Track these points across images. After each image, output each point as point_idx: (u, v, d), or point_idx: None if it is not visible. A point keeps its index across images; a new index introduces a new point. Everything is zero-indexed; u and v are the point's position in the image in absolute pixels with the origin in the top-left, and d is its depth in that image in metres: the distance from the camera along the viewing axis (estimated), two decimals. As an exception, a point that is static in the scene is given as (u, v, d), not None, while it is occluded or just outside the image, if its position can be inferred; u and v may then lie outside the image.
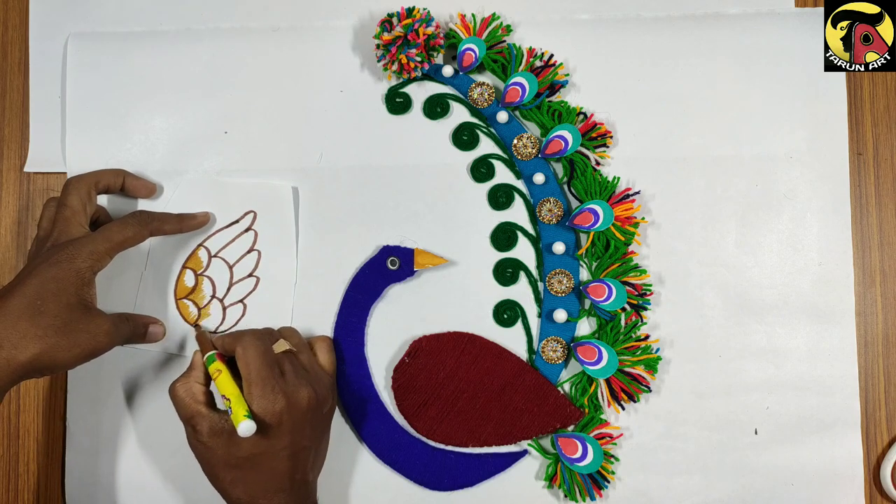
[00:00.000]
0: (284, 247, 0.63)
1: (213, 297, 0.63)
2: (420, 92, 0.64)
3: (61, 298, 0.54)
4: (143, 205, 0.64)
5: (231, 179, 0.64)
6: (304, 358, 0.59)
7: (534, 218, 0.63)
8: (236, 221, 0.64)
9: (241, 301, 0.63)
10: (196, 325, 0.63)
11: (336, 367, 0.61)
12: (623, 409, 0.62)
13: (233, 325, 0.63)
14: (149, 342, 0.61)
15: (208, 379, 0.57)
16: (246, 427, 0.51)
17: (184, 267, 0.63)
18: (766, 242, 0.63)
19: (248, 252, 0.63)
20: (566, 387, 0.62)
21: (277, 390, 0.54)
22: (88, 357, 0.56)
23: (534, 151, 0.63)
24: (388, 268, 0.62)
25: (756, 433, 0.61)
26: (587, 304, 0.62)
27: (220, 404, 0.55)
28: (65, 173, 0.65)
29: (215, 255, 0.63)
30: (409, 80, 0.64)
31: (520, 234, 0.63)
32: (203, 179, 0.64)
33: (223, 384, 0.55)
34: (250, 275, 0.63)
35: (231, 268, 0.63)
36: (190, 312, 0.63)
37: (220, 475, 0.55)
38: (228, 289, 0.63)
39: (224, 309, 0.63)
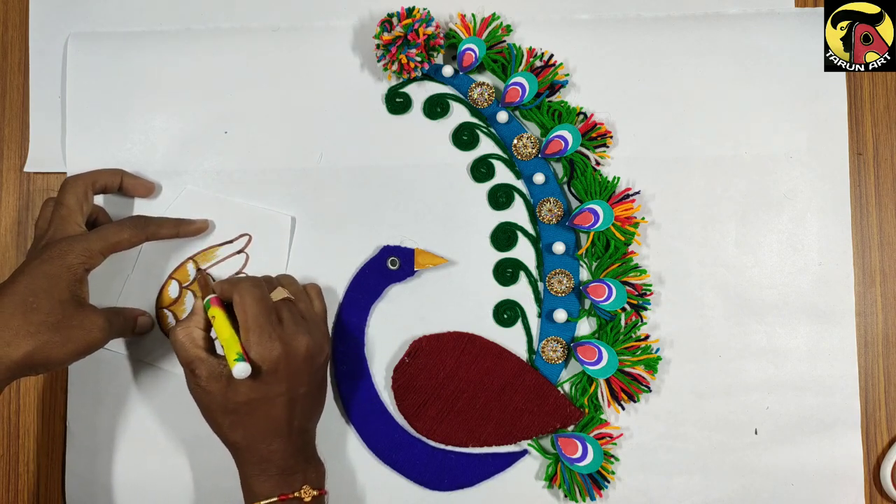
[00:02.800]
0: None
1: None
2: (420, 92, 0.64)
3: (53, 295, 0.54)
4: (142, 205, 0.64)
5: (232, 199, 0.64)
6: (302, 306, 0.58)
7: (534, 218, 0.63)
8: (230, 241, 0.63)
9: None
10: (198, 269, 0.63)
11: (327, 313, 0.62)
12: (623, 409, 0.62)
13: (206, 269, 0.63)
14: (138, 334, 0.61)
15: (209, 324, 0.57)
16: (240, 369, 0.51)
17: (170, 277, 0.63)
18: (766, 242, 0.63)
19: (236, 274, 0.63)
20: (566, 387, 0.62)
21: (274, 337, 0.54)
22: (83, 353, 0.56)
23: (534, 151, 0.63)
24: (388, 268, 0.62)
25: (756, 433, 0.61)
26: (587, 304, 0.62)
27: (220, 350, 0.55)
28: (65, 173, 0.64)
29: (203, 271, 0.63)
30: (409, 80, 0.64)
31: (520, 234, 0.63)
32: (204, 194, 0.64)
33: (219, 328, 0.55)
34: None
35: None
36: (168, 323, 0.63)
37: (218, 419, 0.55)
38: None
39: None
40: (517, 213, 0.63)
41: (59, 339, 0.54)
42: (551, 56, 0.64)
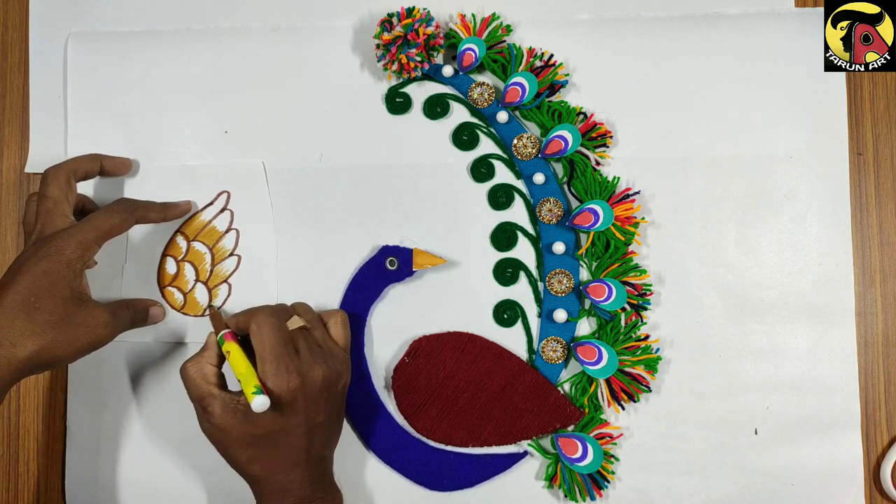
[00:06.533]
0: (262, 222, 0.63)
1: (196, 280, 0.63)
2: (420, 92, 0.64)
3: (55, 293, 0.54)
4: (120, 191, 0.64)
5: (200, 163, 0.64)
6: (317, 334, 0.58)
7: (534, 218, 0.63)
8: (210, 203, 0.64)
9: (225, 281, 0.63)
10: (209, 306, 0.63)
11: (350, 341, 0.60)
12: (623, 409, 0.62)
13: (219, 307, 0.63)
14: (150, 324, 0.61)
15: (221, 360, 0.56)
16: (259, 402, 0.51)
17: (164, 255, 0.63)
18: (766, 242, 0.63)
19: (227, 232, 0.63)
20: (566, 387, 0.62)
21: (292, 368, 0.53)
22: (89, 350, 0.56)
23: (534, 151, 0.63)
24: (387, 268, 0.62)
25: (756, 433, 0.61)
26: (587, 304, 0.62)
27: (235, 385, 0.55)
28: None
29: (194, 240, 0.63)
30: (409, 80, 0.64)
31: (520, 234, 0.63)
32: (172, 166, 0.64)
33: (235, 362, 0.54)
34: (231, 254, 0.63)
35: (211, 249, 0.63)
36: (176, 299, 0.63)
37: (235, 454, 0.55)
38: (211, 271, 0.63)
39: (209, 290, 0.63)
40: (517, 213, 0.63)
41: (64, 338, 0.54)
42: (551, 56, 0.64)
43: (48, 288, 0.54)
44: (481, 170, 0.63)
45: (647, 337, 0.61)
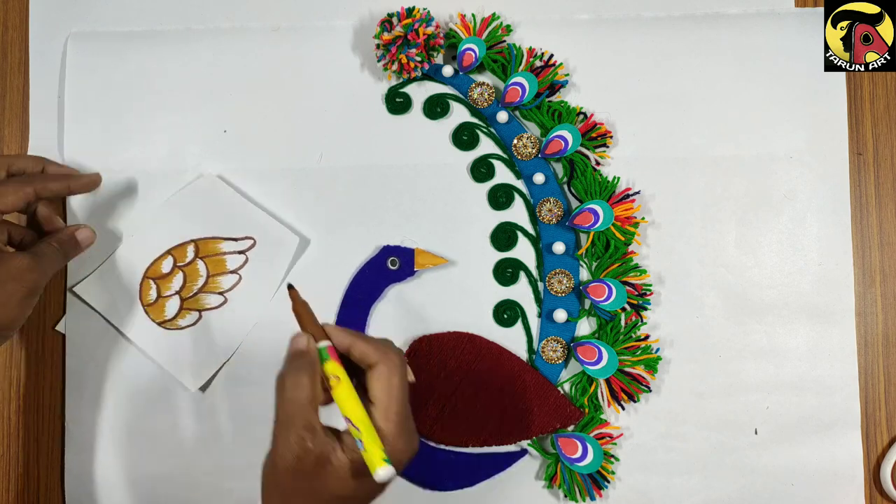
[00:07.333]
0: (265, 287, 0.63)
1: (177, 293, 0.63)
2: (420, 92, 0.64)
3: None
4: (145, 191, 0.64)
5: (248, 201, 0.63)
6: None
7: (534, 218, 0.63)
8: (235, 239, 0.63)
9: (198, 310, 0.63)
10: (290, 286, 0.50)
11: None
12: (623, 409, 0.62)
13: (180, 329, 0.62)
14: (84, 248, 0.60)
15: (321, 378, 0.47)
16: (386, 473, 0.41)
17: (168, 252, 0.63)
18: (766, 242, 0.63)
19: (230, 273, 0.63)
20: (566, 387, 0.62)
21: (413, 433, 0.44)
22: (30, 297, 0.55)
23: (534, 151, 0.63)
24: (388, 268, 0.62)
25: (756, 433, 0.61)
26: (587, 304, 0.62)
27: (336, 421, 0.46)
28: (65, 173, 0.65)
29: (200, 257, 0.63)
30: (409, 80, 0.64)
31: (520, 234, 0.63)
32: (223, 186, 0.63)
33: (347, 402, 0.44)
34: (222, 293, 0.63)
35: (208, 276, 0.63)
36: (149, 295, 0.63)
37: (286, 499, 0.45)
38: (195, 293, 0.63)
39: (180, 309, 0.63)
40: (517, 213, 0.63)
41: None
42: (551, 56, 0.64)
43: None
44: (481, 170, 0.63)
45: (647, 337, 0.61)
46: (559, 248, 0.62)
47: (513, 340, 0.63)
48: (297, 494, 0.44)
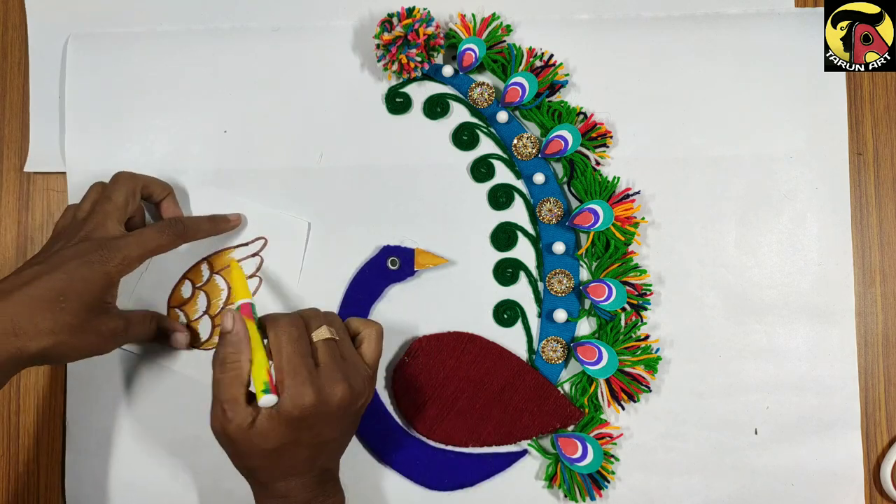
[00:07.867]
0: (286, 280, 0.63)
1: (205, 312, 0.63)
2: (420, 92, 0.64)
3: (84, 299, 0.54)
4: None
5: (249, 202, 0.63)
6: (344, 348, 0.55)
7: (534, 218, 0.63)
8: (245, 244, 0.63)
9: None
10: (231, 259, 0.59)
11: (380, 357, 0.57)
12: (623, 409, 0.62)
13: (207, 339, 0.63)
14: (168, 346, 0.62)
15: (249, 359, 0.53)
16: (266, 400, 0.50)
17: (184, 277, 0.63)
18: (766, 242, 0.63)
19: (250, 277, 0.63)
20: (566, 387, 0.62)
21: (308, 382, 0.51)
22: (91, 355, 0.56)
23: (534, 151, 0.63)
24: (388, 268, 0.62)
25: (756, 433, 0.61)
26: (587, 304, 0.62)
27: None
28: (64, 173, 0.65)
29: (216, 273, 0.63)
30: (409, 80, 0.64)
31: (520, 234, 0.63)
32: (221, 195, 0.63)
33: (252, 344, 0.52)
34: None
35: (230, 287, 0.63)
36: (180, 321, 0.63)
37: (239, 461, 0.53)
38: (222, 307, 0.63)
39: (213, 327, 0.63)
40: (517, 213, 0.63)
41: (76, 343, 0.54)
42: (551, 56, 0.64)
43: (80, 293, 0.53)
44: (481, 170, 0.63)
45: (647, 337, 0.61)
46: (559, 248, 0.62)
47: (513, 340, 0.63)
48: (238, 452, 0.52)
